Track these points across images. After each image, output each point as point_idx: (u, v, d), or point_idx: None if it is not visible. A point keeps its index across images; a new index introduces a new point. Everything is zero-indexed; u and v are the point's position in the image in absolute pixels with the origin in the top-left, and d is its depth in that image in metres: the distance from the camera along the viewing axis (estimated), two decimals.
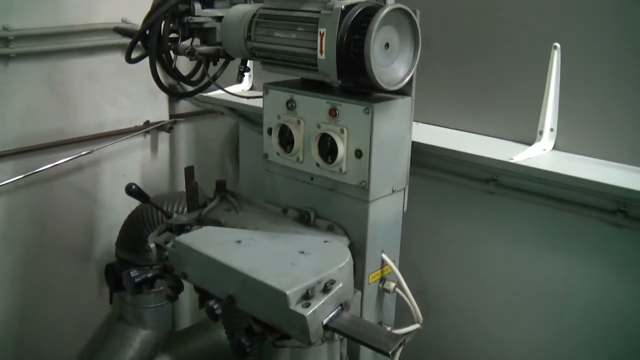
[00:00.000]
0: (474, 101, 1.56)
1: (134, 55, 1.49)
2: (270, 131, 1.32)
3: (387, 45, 1.13)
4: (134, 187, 1.35)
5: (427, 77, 1.33)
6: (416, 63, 1.18)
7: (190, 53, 1.41)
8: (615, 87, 1.34)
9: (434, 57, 1.40)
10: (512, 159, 1.36)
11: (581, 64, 1.37)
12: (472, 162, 1.44)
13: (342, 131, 1.18)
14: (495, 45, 1.51)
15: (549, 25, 1.41)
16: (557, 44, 1.39)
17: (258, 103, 1.48)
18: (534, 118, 1.44)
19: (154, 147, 2.43)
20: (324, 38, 1.12)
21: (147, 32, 1.41)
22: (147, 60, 1.43)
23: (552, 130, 1.43)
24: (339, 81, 1.15)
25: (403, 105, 1.22)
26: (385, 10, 1.09)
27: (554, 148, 1.44)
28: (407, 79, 1.18)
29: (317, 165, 1.24)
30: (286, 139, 1.29)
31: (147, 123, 2.36)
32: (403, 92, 1.21)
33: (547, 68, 1.41)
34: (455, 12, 1.57)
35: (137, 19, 2.12)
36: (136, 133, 2.32)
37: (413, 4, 1.17)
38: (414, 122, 1.31)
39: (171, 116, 2.43)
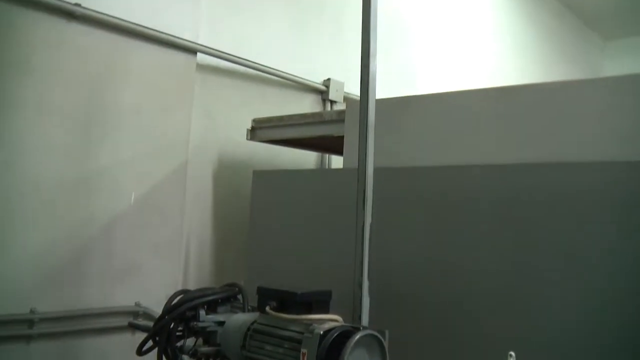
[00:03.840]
0: None
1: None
2: None
3: None
4: None
5: None
6: None
7: (194, 354, 1.63)
8: None
9: None
10: None
11: None
12: None
13: None
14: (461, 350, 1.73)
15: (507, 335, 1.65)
16: (512, 353, 1.61)
17: None
18: None
19: None
20: (305, 357, 1.35)
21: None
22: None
23: None
24: None
25: None
26: (357, 336, 1.32)
27: None
28: None
29: None
30: None
31: None
32: None
33: None
34: (421, 325, 1.82)
35: (148, 302, 2.40)
36: None
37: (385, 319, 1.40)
38: None
39: None
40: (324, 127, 2.31)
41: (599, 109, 1.66)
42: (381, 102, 1.73)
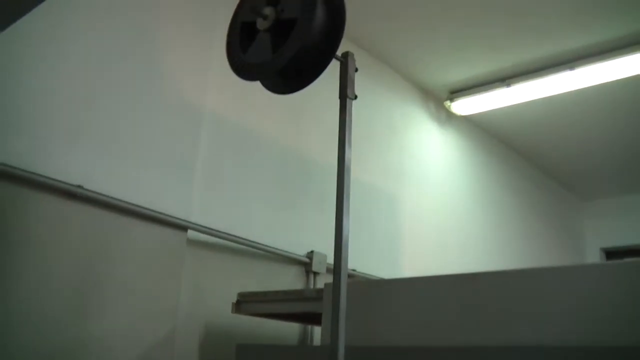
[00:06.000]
0: None
1: None
2: None
3: None
4: None
5: None
6: None
7: None
8: None
9: None
10: None
11: None
12: None
13: None
14: None
15: None
16: None
17: None
18: None
19: None
20: None
21: None
22: None
23: None
24: None
25: None
26: None
27: None
28: None
29: None
30: None
31: None
32: None
33: None
34: None
35: None
36: None
37: None
38: None
39: None
40: (305, 304, 2.44)
41: (572, 295, 1.73)
42: (355, 284, 1.88)
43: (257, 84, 1.97)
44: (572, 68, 4.26)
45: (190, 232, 2.84)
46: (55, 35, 2.50)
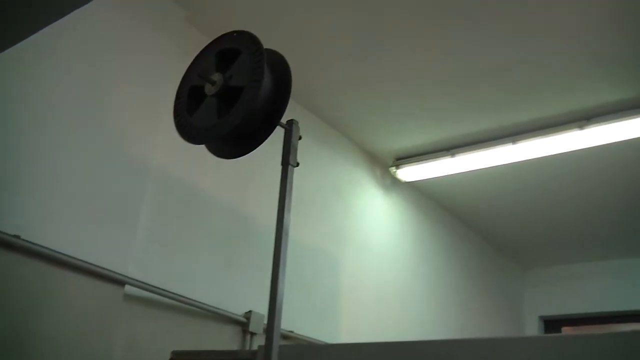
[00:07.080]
0: None
1: None
2: None
3: None
4: None
5: None
6: None
7: None
8: None
9: None
10: None
11: None
12: None
13: None
14: None
15: None
16: None
17: None
18: None
19: None
20: None
21: None
22: None
23: None
24: None
25: None
26: None
27: None
28: None
29: None
30: None
31: None
32: None
33: None
34: None
35: None
36: None
37: None
38: None
39: None
40: None
41: None
42: (289, 348, 1.89)
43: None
44: (514, 142, 4.42)
45: (127, 287, 2.80)
46: None
